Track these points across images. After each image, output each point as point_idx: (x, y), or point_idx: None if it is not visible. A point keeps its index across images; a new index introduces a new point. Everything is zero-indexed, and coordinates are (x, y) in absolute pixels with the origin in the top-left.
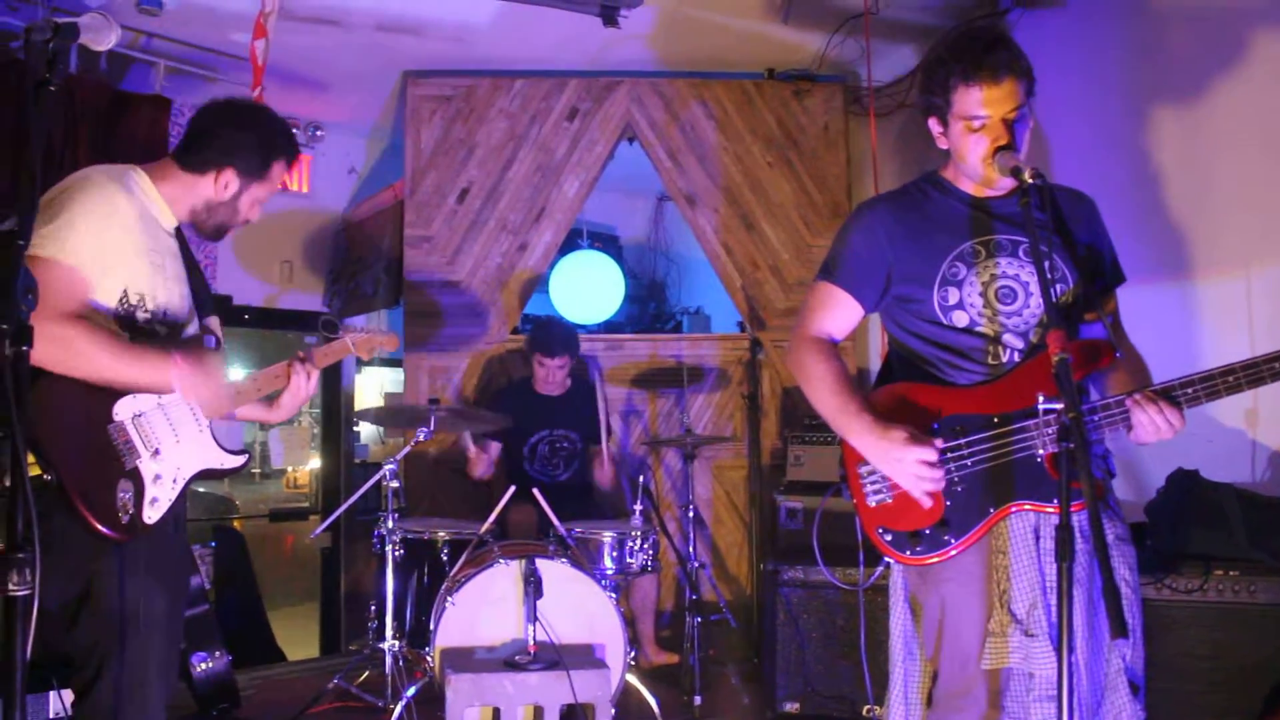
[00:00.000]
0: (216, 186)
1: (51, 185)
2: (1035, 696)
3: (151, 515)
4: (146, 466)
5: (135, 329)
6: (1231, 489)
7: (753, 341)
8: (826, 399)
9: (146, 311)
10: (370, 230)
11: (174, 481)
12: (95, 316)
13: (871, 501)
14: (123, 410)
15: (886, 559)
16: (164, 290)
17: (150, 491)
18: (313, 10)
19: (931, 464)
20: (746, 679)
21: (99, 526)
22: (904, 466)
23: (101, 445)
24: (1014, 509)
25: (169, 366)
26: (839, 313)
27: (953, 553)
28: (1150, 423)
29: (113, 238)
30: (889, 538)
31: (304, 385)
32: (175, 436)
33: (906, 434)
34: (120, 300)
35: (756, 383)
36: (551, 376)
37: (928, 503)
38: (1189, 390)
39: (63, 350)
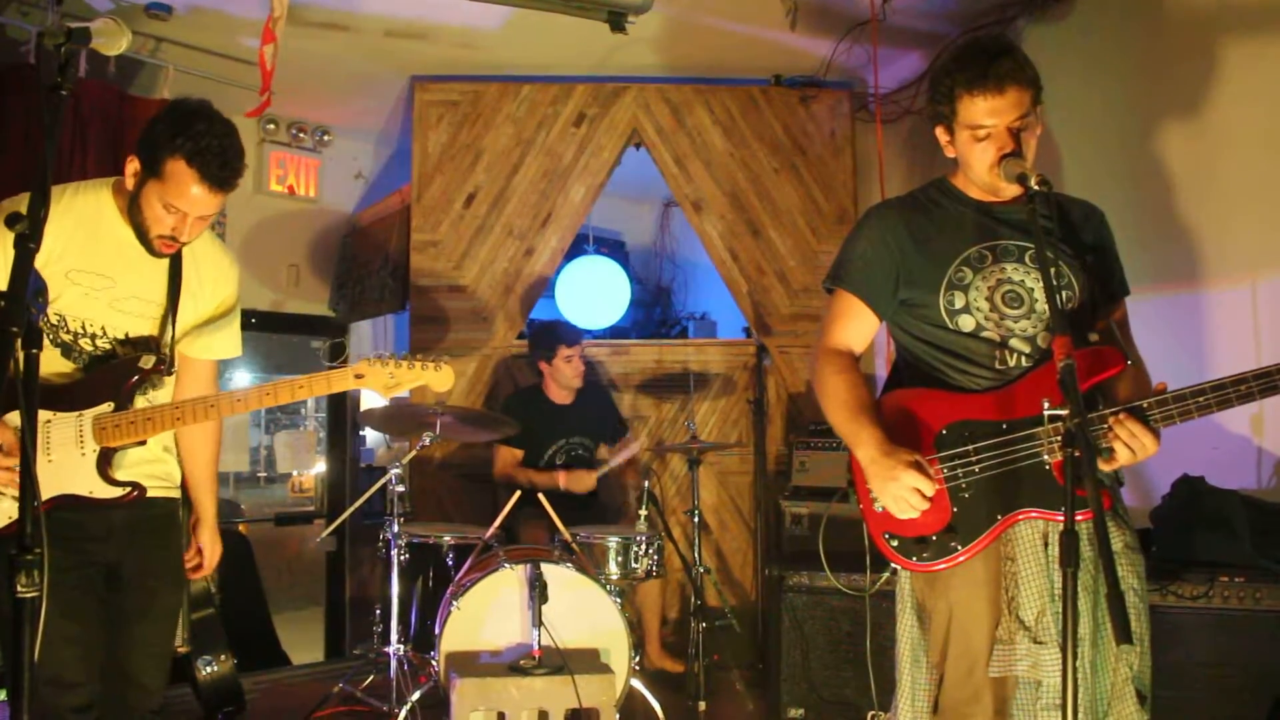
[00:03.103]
0: (127, 176)
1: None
2: (1043, 704)
3: None
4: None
5: (67, 348)
6: (1237, 495)
7: (758, 347)
8: (838, 411)
9: (69, 333)
10: (377, 234)
11: (15, 499)
12: None
13: (878, 506)
14: (10, 421)
15: (893, 565)
16: (104, 312)
17: None
18: (321, 15)
19: (923, 495)
20: (751, 684)
21: None
22: (897, 487)
23: None
24: (1021, 516)
25: None
26: (856, 322)
27: (960, 559)
28: (1124, 447)
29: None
30: (895, 543)
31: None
32: (48, 455)
33: (912, 458)
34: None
35: (762, 388)
36: (576, 368)
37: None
38: (1156, 412)
39: None
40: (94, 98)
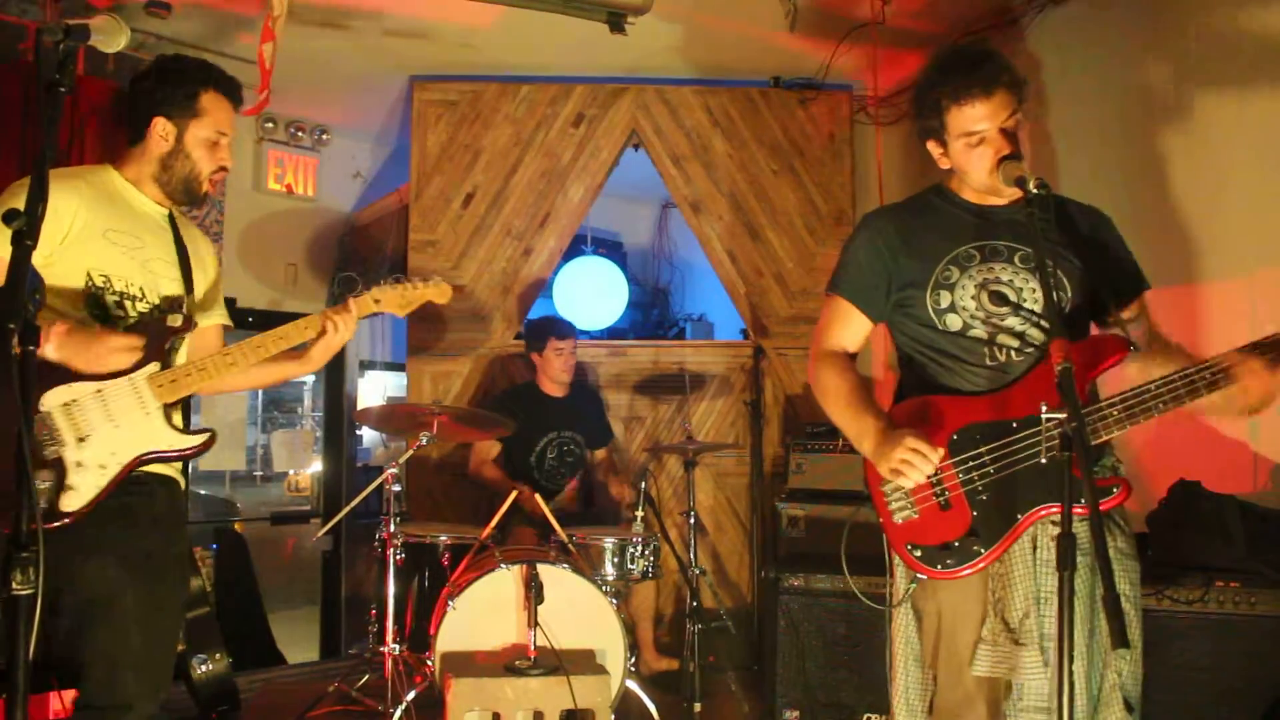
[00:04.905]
0: (157, 140)
1: None
2: (1023, 706)
3: (69, 503)
4: (69, 454)
5: (105, 311)
6: (1233, 500)
7: (756, 349)
8: (840, 409)
9: (115, 294)
10: (375, 234)
11: (102, 468)
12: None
13: (898, 518)
14: (50, 400)
15: (919, 575)
16: (139, 272)
17: (70, 479)
18: (321, 14)
19: (922, 455)
20: (746, 686)
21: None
22: (899, 450)
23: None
24: (1044, 512)
25: (45, 339)
26: (849, 325)
27: (984, 563)
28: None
29: (57, 226)
30: (919, 553)
31: (336, 336)
32: (113, 422)
33: (909, 432)
34: (86, 283)
35: (759, 390)
36: (567, 363)
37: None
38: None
39: None
40: (92, 95)
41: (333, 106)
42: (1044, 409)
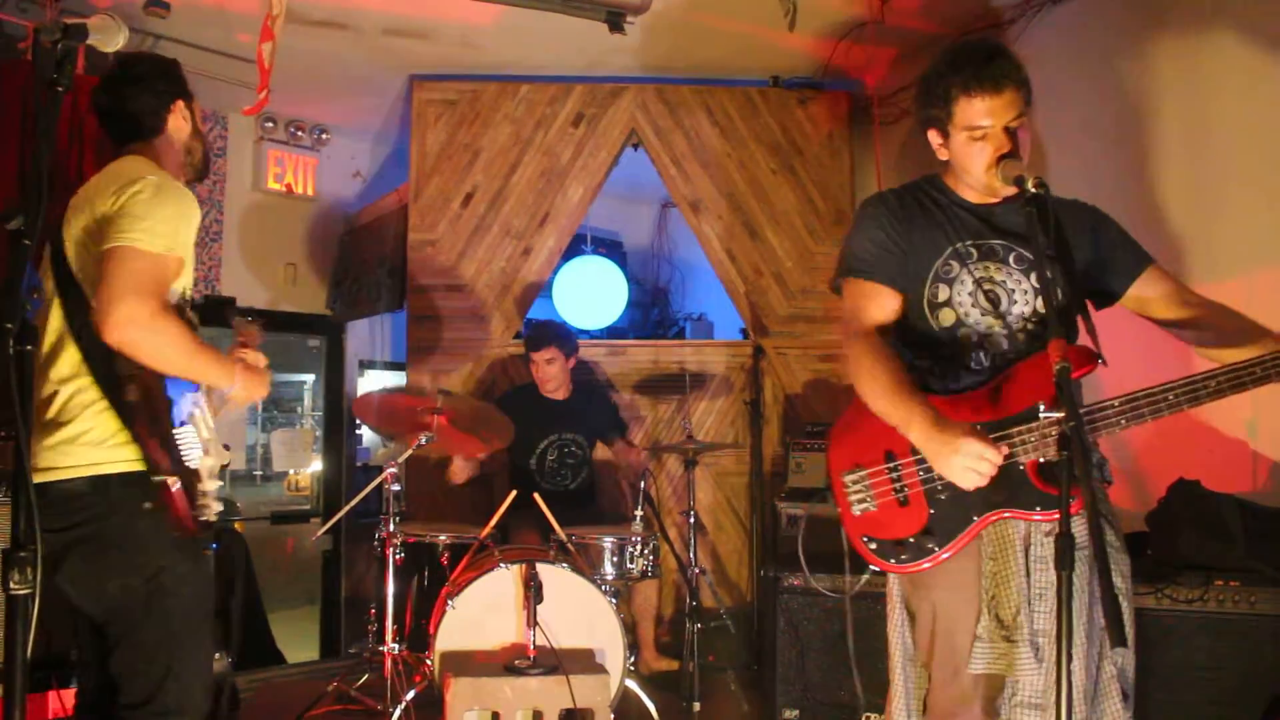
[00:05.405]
0: (179, 124)
1: (55, 184)
2: (1018, 701)
3: (211, 513)
4: (202, 464)
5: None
6: (1233, 499)
7: (755, 348)
8: (880, 398)
9: (186, 301)
10: (374, 233)
11: (218, 482)
12: None
13: (856, 510)
14: (187, 406)
15: (873, 567)
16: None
17: (208, 486)
18: (320, 14)
19: (990, 461)
20: (746, 685)
21: (189, 525)
22: (961, 458)
23: (178, 444)
24: (995, 517)
25: (232, 372)
26: (877, 303)
27: (939, 559)
28: None
29: (189, 239)
30: (874, 546)
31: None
32: (210, 436)
33: (968, 426)
34: (180, 295)
35: (759, 389)
36: (545, 373)
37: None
38: None
39: (157, 340)
40: (91, 92)
41: (332, 106)
42: (1042, 409)
